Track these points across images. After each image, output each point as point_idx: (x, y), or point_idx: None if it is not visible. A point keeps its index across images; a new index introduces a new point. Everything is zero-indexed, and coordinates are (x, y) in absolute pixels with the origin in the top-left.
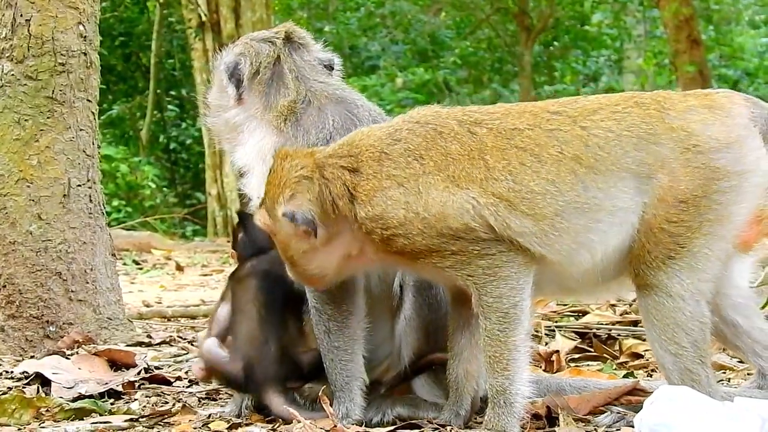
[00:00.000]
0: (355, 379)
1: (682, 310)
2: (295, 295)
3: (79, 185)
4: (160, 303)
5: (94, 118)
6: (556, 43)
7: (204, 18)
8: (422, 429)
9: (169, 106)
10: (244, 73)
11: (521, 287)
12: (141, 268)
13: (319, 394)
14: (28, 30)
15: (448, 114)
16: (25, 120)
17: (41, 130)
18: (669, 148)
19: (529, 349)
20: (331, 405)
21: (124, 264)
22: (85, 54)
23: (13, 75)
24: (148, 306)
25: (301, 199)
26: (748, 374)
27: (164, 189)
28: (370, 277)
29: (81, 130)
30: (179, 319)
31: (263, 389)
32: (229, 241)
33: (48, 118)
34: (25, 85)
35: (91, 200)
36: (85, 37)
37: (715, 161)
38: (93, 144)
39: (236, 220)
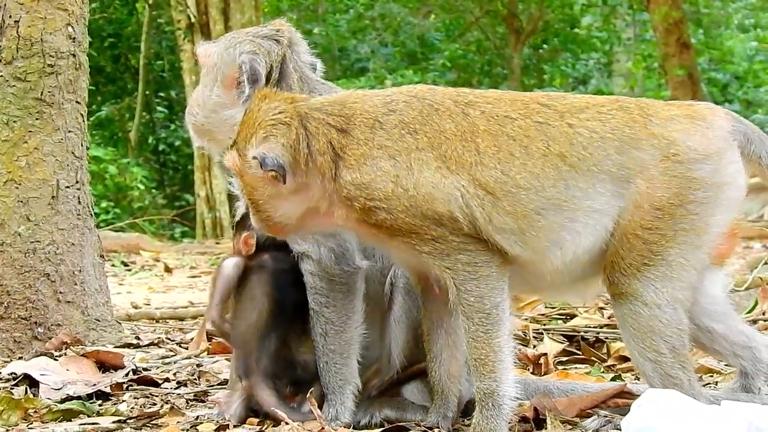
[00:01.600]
0: (348, 383)
1: (658, 318)
2: (304, 302)
3: (68, 187)
4: (149, 305)
5: (83, 120)
6: (545, 45)
7: (193, 19)
8: (410, 431)
9: (158, 108)
10: (261, 73)
11: (500, 287)
12: (129, 270)
13: (308, 396)
14: (17, 31)
15: (443, 92)
16: (14, 121)
17: (30, 131)
18: (649, 154)
19: (513, 349)
20: (321, 407)
21: (113, 265)
22: (74, 55)
23: (1, 76)
24: (136, 307)
25: (274, 142)
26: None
27: (153, 190)
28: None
29: (70, 131)
30: (167, 320)
31: (254, 382)
32: (218, 243)
33: (37, 119)
34: (14, 86)
35: (79, 202)
36: (74, 38)
37: (693, 171)
38: (82, 145)
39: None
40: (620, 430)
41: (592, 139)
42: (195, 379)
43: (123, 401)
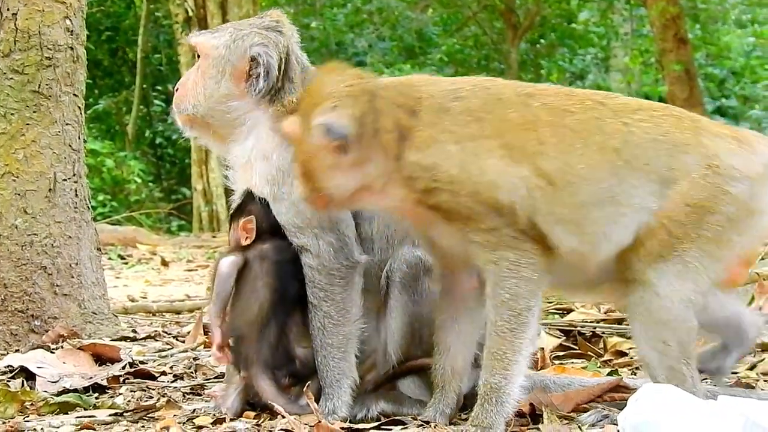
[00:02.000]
0: (346, 377)
1: (669, 310)
2: (305, 294)
3: (65, 180)
4: (145, 298)
5: (81, 113)
6: (542, 40)
7: (191, 13)
8: (406, 425)
9: (156, 101)
10: (274, 66)
11: (537, 292)
12: (126, 263)
13: (305, 389)
14: (15, 24)
15: (504, 83)
16: (11, 114)
17: (27, 124)
18: (695, 160)
19: (530, 353)
20: (318, 401)
21: (110, 258)
22: (71, 48)
23: None
24: (133, 301)
25: (342, 113)
26: (732, 373)
27: (150, 184)
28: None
29: (67, 124)
30: (164, 314)
31: (254, 372)
32: (214, 237)
33: (34, 112)
34: (12, 79)
35: (76, 195)
36: (71, 31)
37: (729, 186)
38: (79, 138)
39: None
40: (617, 424)
41: (645, 139)
42: (192, 372)
43: (120, 394)
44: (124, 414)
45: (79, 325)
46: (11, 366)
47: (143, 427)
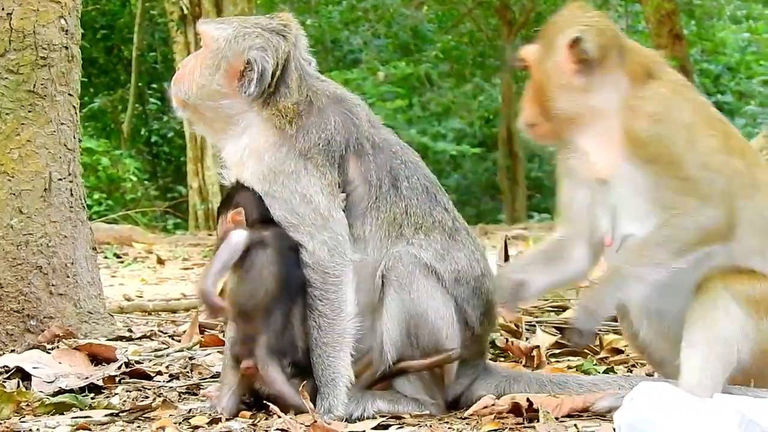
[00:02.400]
0: (341, 376)
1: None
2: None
3: (60, 179)
4: (141, 297)
5: (76, 112)
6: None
7: (186, 11)
8: (403, 424)
9: (151, 99)
10: (269, 71)
11: (703, 242)
12: (122, 262)
13: (300, 389)
14: (10, 24)
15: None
16: (6, 114)
17: (22, 123)
18: None
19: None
20: (313, 400)
21: (105, 257)
22: (66, 48)
23: None
24: (129, 300)
25: (591, 35)
26: None
27: (145, 182)
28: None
29: (62, 124)
30: (160, 313)
31: (260, 359)
32: (210, 235)
33: (29, 111)
34: (6, 78)
35: (72, 194)
36: (66, 30)
37: None
38: (74, 138)
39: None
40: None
41: None
42: (187, 372)
43: (115, 394)
44: (120, 414)
45: (75, 324)
46: (7, 366)
47: (139, 427)
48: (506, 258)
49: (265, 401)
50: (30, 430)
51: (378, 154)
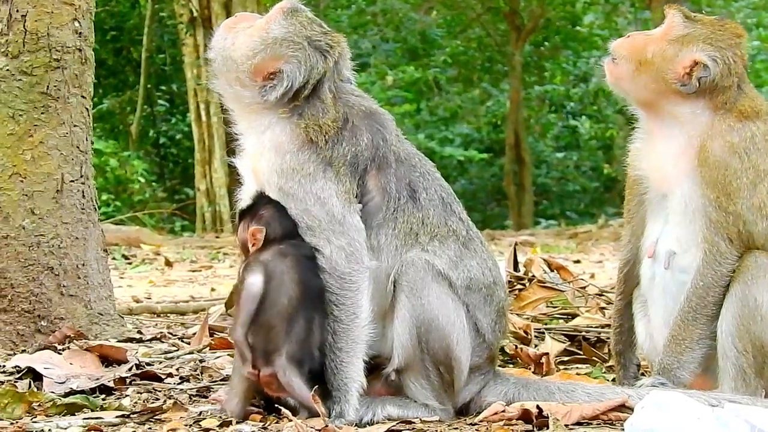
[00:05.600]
0: (354, 381)
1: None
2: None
3: (72, 181)
4: (150, 298)
5: (88, 115)
6: (546, 43)
7: (195, 13)
8: (413, 429)
9: (160, 101)
10: (294, 87)
11: (722, 292)
12: (130, 263)
13: (311, 394)
14: (24, 26)
15: None
16: (20, 115)
17: (35, 125)
18: None
19: (707, 347)
20: (325, 404)
21: (114, 258)
22: (80, 50)
23: (7, 70)
24: (137, 301)
25: (717, 69)
26: None
27: (153, 184)
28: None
29: (75, 126)
30: (169, 315)
31: (280, 366)
32: (217, 237)
33: (42, 113)
34: (20, 80)
35: (83, 196)
36: (80, 33)
37: None
38: (87, 140)
39: (254, 201)
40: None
41: None
42: (198, 374)
43: (126, 396)
44: (131, 416)
45: (86, 326)
46: (18, 366)
47: (150, 429)
48: (515, 265)
49: (275, 404)
50: (42, 430)
51: (399, 167)
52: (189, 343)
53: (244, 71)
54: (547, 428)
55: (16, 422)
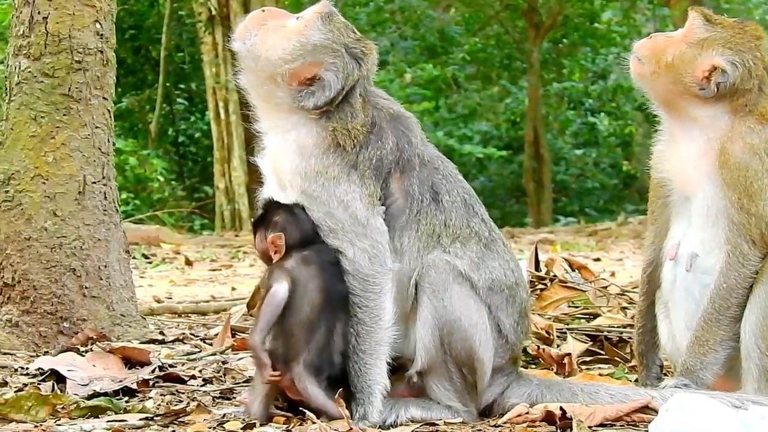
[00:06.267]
0: (377, 383)
1: None
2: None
3: (94, 182)
4: (170, 298)
5: (110, 116)
6: (565, 40)
7: (214, 12)
8: (436, 426)
9: (179, 100)
10: (331, 96)
11: (746, 294)
12: (150, 262)
13: (336, 397)
14: (46, 27)
15: None
16: (41, 117)
17: (57, 127)
18: None
19: (730, 348)
20: (348, 406)
21: (134, 258)
22: (101, 52)
23: (29, 72)
24: (158, 301)
25: (736, 73)
26: None
27: (172, 182)
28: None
29: (97, 127)
30: (190, 315)
31: (298, 373)
32: (237, 236)
33: (64, 115)
34: (42, 82)
35: (105, 197)
36: (101, 35)
37: None
38: (108, 141)
39: (270, 209)
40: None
41: None
42: (220, 376)
43: (149, 398)
44: (155, 418)
45: (108, 327)
46: (41, 369)
47: (174, 431)
48: (536, 264)
49: (299, 407)
50: None
51: (422, 170)
52: (211, 344)
53: (280, 74)
54: (571, 430)
55: (40, 425)
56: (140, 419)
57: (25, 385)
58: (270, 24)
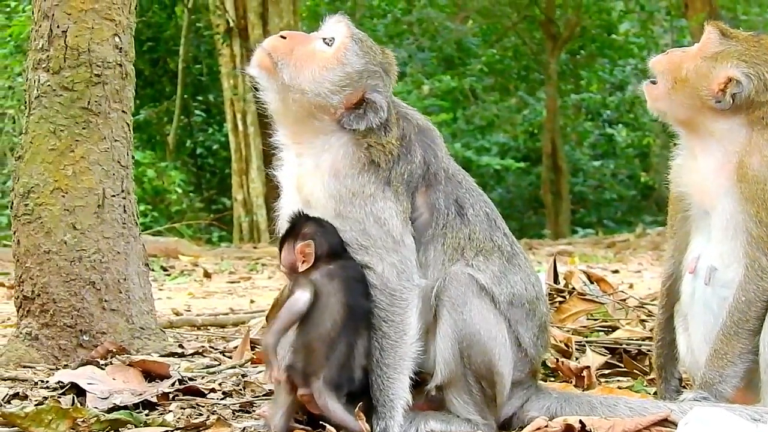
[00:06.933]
0: (399, 398)
1: None
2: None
3: (114, 195)
4: (189, 311)
5: (129, 129)
6: (582, 51)
7: (232, 23)
8: None
9: (196, 111)
10: (383, 115)
11: (765, 306)
12: (168, 275)
13: (356, 411)
14: (65, 41)
15: None
16: (61, 130)
17: (76, 140)
18: None
19: (749, 360)
20: (369, 419)
21: (152, 270)
22: (120, 65)
23: (49, 86)
24: (177, 314)
25: (751, 85)
26: None
27: (190, 194)
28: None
29: (116, 140)
30: (209, 327)
31: (318, 389)
32: (255, 247)
33: (83, 128)
34: (61, 95)
35: (125, 210)
36: (120, 48)
37: None
38: (127, 155)
39: (302, 221)
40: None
41: None
42: (240, 389)
43: (170, 411)
44: (175, 431)
45: (127, 340)
46: (61, 382)
47: None
48: (555, 277)
49: (320, 421)
50: None
51: (447, 184)
52: (231, 357)
53: (332, 105)
54: None
55: None
56: None
57: (45, 398)
58: (300, 52)
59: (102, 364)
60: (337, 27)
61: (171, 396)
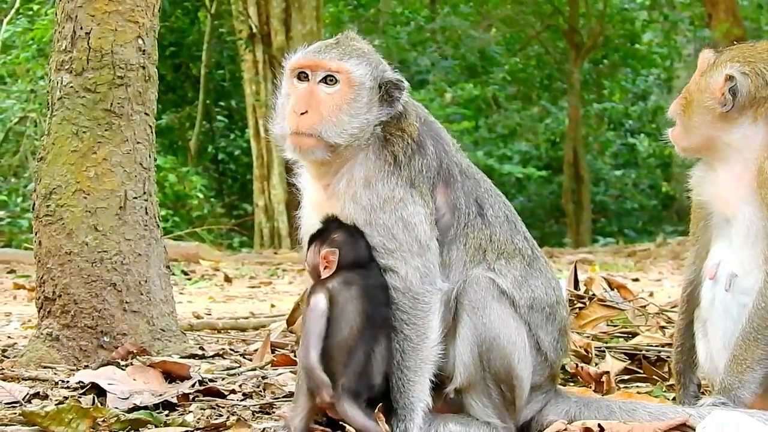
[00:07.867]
0: (419, 400)
1: None
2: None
3: (135, 197)
4: (210, 314)
5: (151, 132)
6: (605, 60)
7: (254, 29)
8: None
9: (218, 117)
10: (401, 83)
11: None
12: (189, 279)
13: (376, 412)
14: (88, 43)
15: None
16: (83, 132)
17: (99, 142)
18: None
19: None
20: (388, 421)
21: (173, 274)
22: (143, 67)
23: (71, 87)
24: (198, 317)
25: (748, 81)
26: None
27: (212, 199)
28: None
29: (138, 143)
30: (229, 331)
31: (338, 396)
32: (276, 253)
33: (106, 130)
34: (84, 97)
35: (146, 212)
36: (143, 50)
37: None
38: (149, 157)
39: (329, 227)
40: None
41: None
42: (260, 391)
43: (190, 412)
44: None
45: (148, 341)
46: (82, 382)
47: None
48: (575, 283)
49: (340, 422)
50: None
51: (465, 181)
52: (251, 360)
53: (373, 123)
54: None
55: None
56: None
57: (66, 398)
58: (324, 109)
59: (123, 365)
60: (314, 61)
61: (191, 397)
